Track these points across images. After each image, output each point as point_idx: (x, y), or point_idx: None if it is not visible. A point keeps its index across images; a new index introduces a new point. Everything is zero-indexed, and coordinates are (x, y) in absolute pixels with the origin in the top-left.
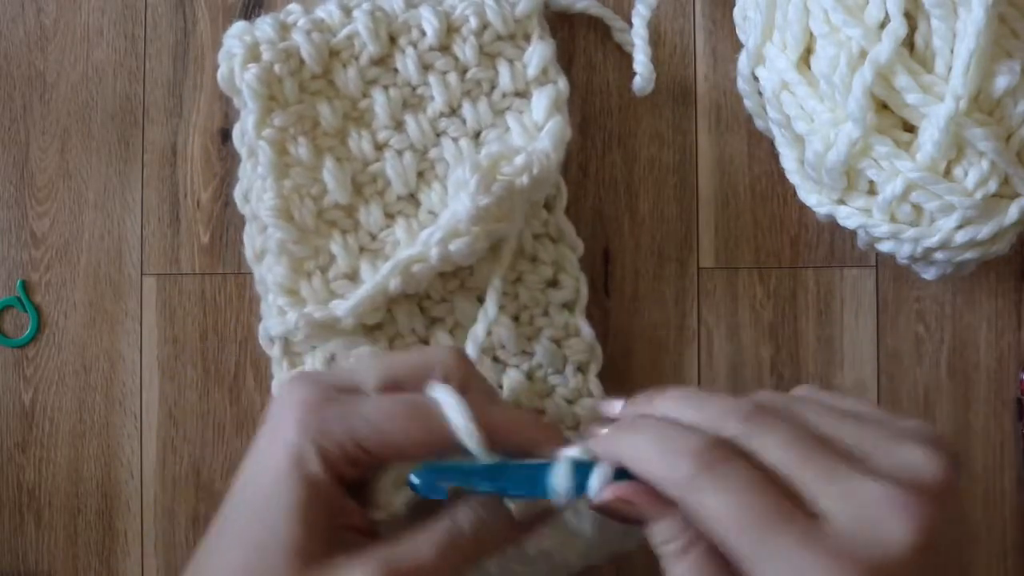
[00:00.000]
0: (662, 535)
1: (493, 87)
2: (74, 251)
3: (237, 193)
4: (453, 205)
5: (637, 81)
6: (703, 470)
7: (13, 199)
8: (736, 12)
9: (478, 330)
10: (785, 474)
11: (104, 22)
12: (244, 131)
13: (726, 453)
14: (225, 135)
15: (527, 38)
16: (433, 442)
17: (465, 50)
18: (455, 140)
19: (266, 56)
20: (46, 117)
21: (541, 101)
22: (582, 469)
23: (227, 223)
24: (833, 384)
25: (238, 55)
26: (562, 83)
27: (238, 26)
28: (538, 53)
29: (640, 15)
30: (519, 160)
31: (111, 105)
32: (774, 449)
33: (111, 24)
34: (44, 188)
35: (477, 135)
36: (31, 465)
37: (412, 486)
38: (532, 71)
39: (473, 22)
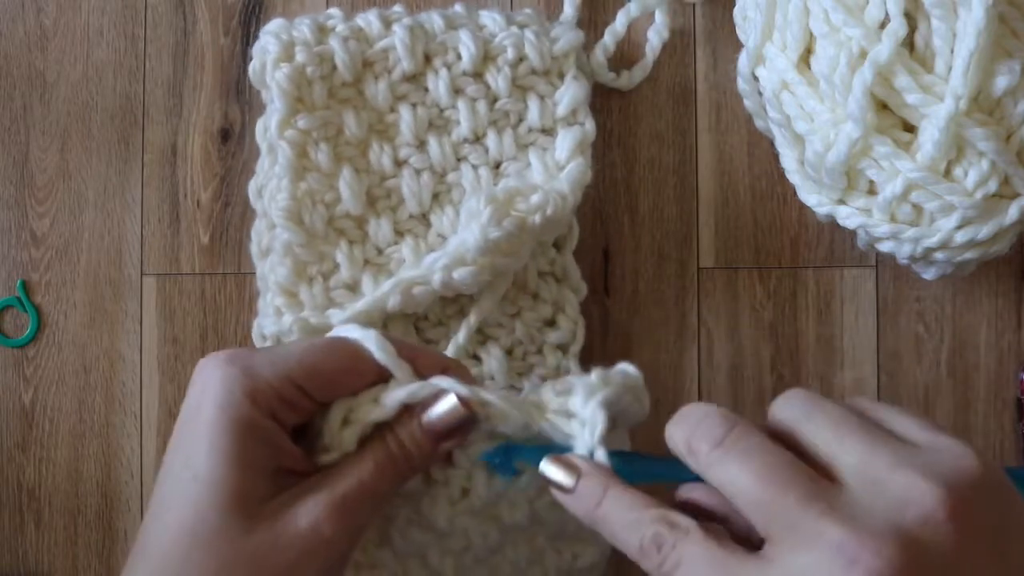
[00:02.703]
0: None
1: (520, 120)
2: (74, 251)
3: (251, 187)
4: (463, 233)
5: (599, 56)
6: (722, 442)
7: (13, 199)
8: (736, 12)
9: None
10: (802, 439)
11: (104, 22)
12: (267, 127)
13: (743, 426)
14: (225, 135)
15: (561, 76)
16: (361, 371)
17: (498, 80)
18: (475, 167)
19: (300, 57)
20: (46, 117)
21: (566, 142)
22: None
23: (227, 223)
24: (833, 384)
25: (272, 52)
26: (589, 125)
27: (276, 23)
28: (570, 93)
29: (627, 12)
30: (535, 198)
31: (111, 105)
32: (792, 415)
33: (111, 24)
34: (44, 188)
35: (497, 166)
36: (31, 465)
37: (489, 461)
38: (561, 110)
39: (510, 53)
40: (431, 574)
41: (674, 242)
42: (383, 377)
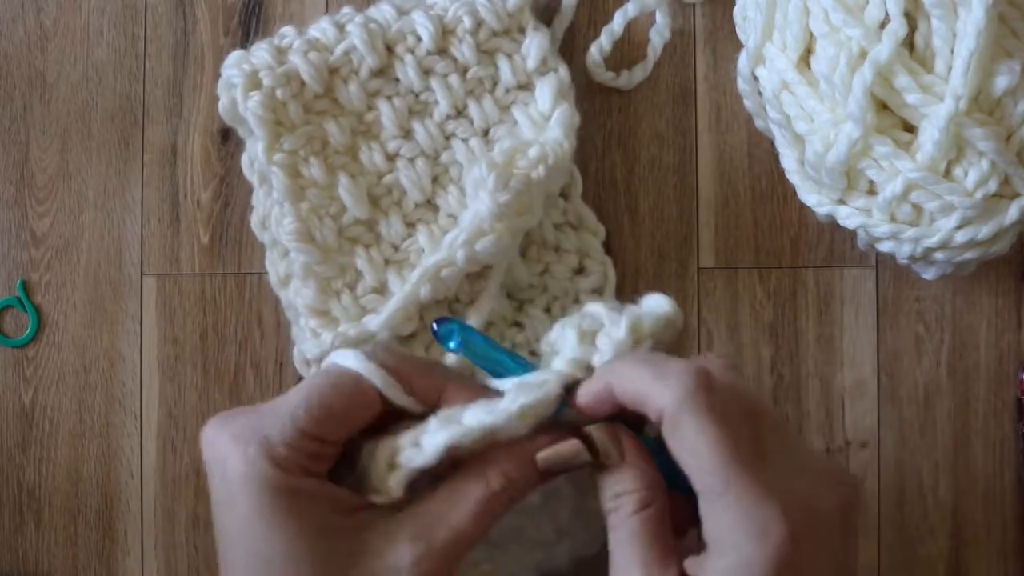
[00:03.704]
0: (618, 486)
1: (495, 83)
2: (74, 251)
3: (254, 221)
4: (474, 205)
5: (595, 55)
6: (698, 390)
7: (13, 199)
8: (736, 12)
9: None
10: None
11: (104, 22)
12: (253, 159)
13: (713, 381)
14: (225, 135)
15: (522, 31)
16: (368, 401)
17: (463, 50)
18: (465, 141)
19: (266, 82)
20: (46, 117)
21: (545, 91)
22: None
23: (227, 223)
24: (833, 384)
25: (239, 84)
26: (563, 70)
27: (234, 56)
28: (535, 44)
29: (625, 13)
30: (533, 152)
31: (111, 105)
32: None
33: (111, 24)
34: (44, 188)
35: (486, 133)
36: (31, 465)
37: (432, 332)
38: (532, 62)
39: (467, 22)
40: (536, 547)
41: (674, 242)
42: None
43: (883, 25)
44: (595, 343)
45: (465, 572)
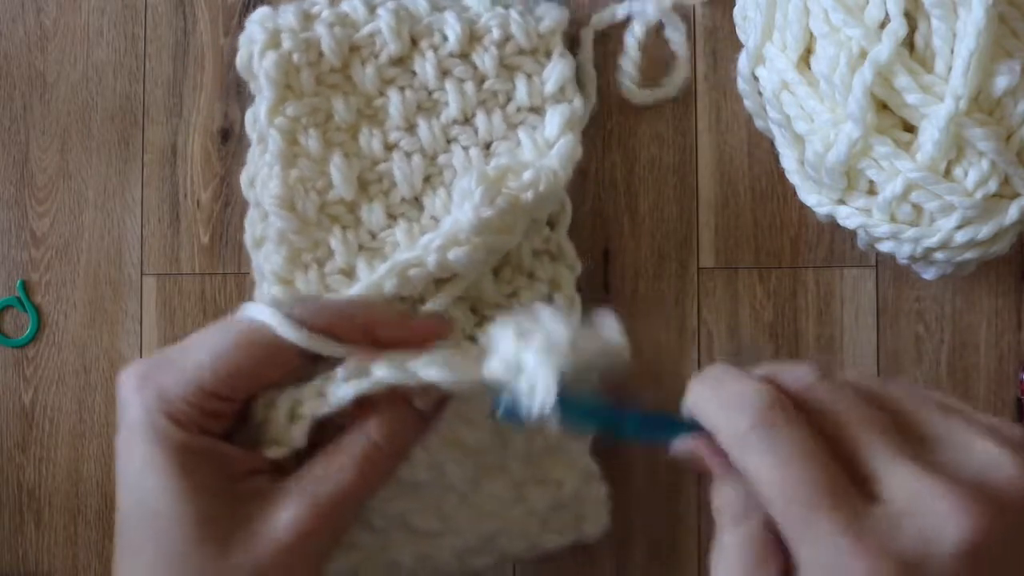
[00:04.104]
0: (720, 498)
1: (509, 100)
2: (74, 251)
3: (243, 177)
4: (456, 213)
5: (625, 82)
6: (758, 426)
7: (13, 199)
8: (736, 12)
9: None
10: (851, 444)
11: (104, 22)
12: (256, 117)
13: (787, 413)
14: (225, 135)
15: (548, 54)
16: (280, 357)
17: (485, 60)
18: (465, 149)
19: (286, 44)
20: (46, 117)
21: (555, 119)
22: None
23: (227, 223)
24: None
25: (259, 41)
26: (578, 103)
27: (261, 12)
28: (558, 70)
29: (633, 33)
30: (526, 175)
31: (111, 105)
32: (846, 412)
33: (111, 24)
34: (44, 188)
35: (488, 146)
36: (31, 465)
37: (503, 415)
38: (550, 88)
39: (496, 33)
40: (419, 537)
41: (674, 242)
42: (307, 355)
43: (883, 25)
44: (531, 339)
45: (342, 554)
